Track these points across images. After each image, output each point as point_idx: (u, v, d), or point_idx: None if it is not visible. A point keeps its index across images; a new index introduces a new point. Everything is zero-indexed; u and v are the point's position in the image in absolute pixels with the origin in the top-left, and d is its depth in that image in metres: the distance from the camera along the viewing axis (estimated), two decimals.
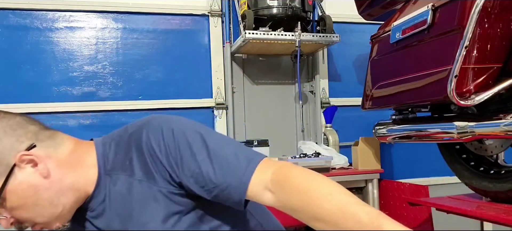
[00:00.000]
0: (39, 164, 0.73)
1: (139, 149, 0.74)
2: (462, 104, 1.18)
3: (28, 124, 0.80)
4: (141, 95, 2.30)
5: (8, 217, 0.72)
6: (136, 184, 0.74)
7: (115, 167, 0.77)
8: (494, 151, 1.42)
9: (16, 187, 0.70)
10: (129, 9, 2.29)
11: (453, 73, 1.17)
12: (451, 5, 1.24)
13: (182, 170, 0.71)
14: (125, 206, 0.76)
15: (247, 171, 0.69)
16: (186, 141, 0.72)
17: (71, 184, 0.75)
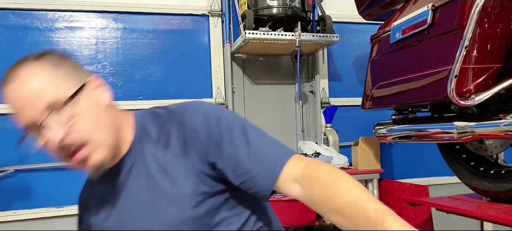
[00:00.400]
0: (107, 91, 0.81)
1: (180, 126, 0.79)
2: (462, 104, 1.18)
3: None
4: (141, 95, 2.30)
5: (59, 127, 0.72)
6: (169, 157, 0.78)
7: (150, 138, 0.82)
8: (494, 151, 1.42)
9: (89, 96, 0.76)
10: (129, 9, 2.29)
11: (453, 73, 1.17)
12: (451, 5, 1.24)
13: (219, 152, 0.75)
14: (152, 175, 0.79)
15: (280, 163, 0.74)
16: (228, 127, 0.77)
17: (118, 129, 0.80)
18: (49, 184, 2.13)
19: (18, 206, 2.10)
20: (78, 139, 0.73)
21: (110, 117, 0.80)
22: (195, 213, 0.77)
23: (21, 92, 0.74)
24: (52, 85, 0.73)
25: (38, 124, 0.73)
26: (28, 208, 2.11)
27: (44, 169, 2.12)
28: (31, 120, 0.73)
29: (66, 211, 2.13)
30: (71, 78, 0.76)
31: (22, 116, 0.75)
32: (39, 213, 2.11)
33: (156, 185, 0.78)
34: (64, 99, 0.72)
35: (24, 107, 0.74)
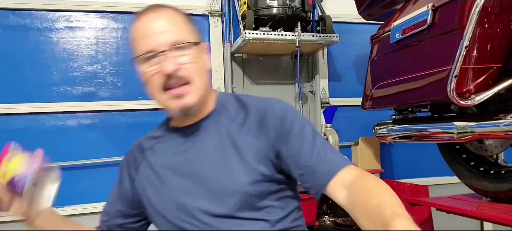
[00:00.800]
0: (210, 60, 0.97)
1: (259, 110, 0.91)
2: (462, 104, 1.18)
3: None
4: (141, 95, 2.30)
5: (174, 61, 0.85)
6: (241, 134, 0.90)
7: (228, 113, 0.94)
8: (494, 151, 1.42)
9: (200, 52, 0.91)
10: (129, 9, 2.29)
11: (453, 73, 1.17)
12: (451, 5, 1.24)
13: (286, 141, 0.86)
14: (222, 144, 0.90)
15: (338, 166, 0.81)
16: (301, 123, 0.88)
17: (207, 92, 0.93)
18: None
19: None
20: (185, 76, 0.86)
21: (207, 77, 0.94)
22: (248, 189, 0.85)
23: (159, 21, 0.88)
24: (183, 28, 0.89)
25: (158, 53, 0.85)
26: None
27: None
28: (155, 46, 0.86)
29: (66, 211, 2.12)
30: (194, 33, 0.92)
31: (148, 41, 0.87)
32: None
33: (224, 153, 0.89)
34: (186, 43, 0.87)
35: (155, 34, 0.87)
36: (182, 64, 0.86)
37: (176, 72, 0.85)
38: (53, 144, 2.14)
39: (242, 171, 0.87)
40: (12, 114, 2.09)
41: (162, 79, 0.87)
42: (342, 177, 0.80)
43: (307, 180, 0.84)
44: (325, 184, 0.81)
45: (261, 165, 0.87)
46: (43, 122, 2.15)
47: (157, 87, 0.88)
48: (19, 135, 2.10)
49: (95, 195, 2.18)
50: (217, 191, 0.87)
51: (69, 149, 2.16)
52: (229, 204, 0.86)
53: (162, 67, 0.85)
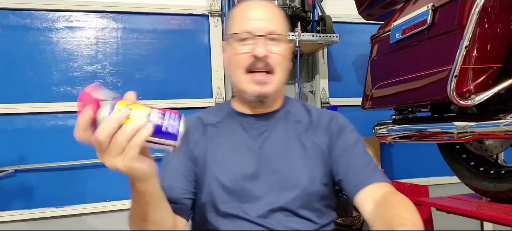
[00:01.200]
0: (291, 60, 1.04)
1: (325, 118, 0.99)
2: (462, 104, 1.18)
3: None
4: (141, 95, 2.29)
5: (267, 48, 0.92)
6: (309, 135, 0.97)
7: (295, 114, 1.01)
8: (494, 151, 1.42)
9: (288, 48, 0.99)
10: (129, 9, 2.29)
11: (453, 73, 1.17)
12: (451, 5, 1.24)
13: (340, 147, 0.94)
14: (290, 140, 0.96)
15: (371, 179, 0.87)
16: (356, 137, 0.98)
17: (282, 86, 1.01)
18: (49, 184, 2.13)
19: (18, 206, 2.10)
20: (273, 64, 0.93)
21: (286, 74, 1.00)
22: (307, 186, 0.91)
23: (261, 9, 0.95)
24: (280, 23, 0.97)
25: (253, 36, 0.92)
26: (28, 208, 2.10)
27: (44, 169, 2.12)
28: (253, 30, 0.92)
29: (66, 211, 2.12)
30: (287, 32, 1.01)
31: (248, 23, 0.93)
32: (39, 213, 2.11)
33: (290, 149, 0.95)
34: (280, 35, 0.94)
35: (255, 19, 0.93)
36: (273, 53, 0.92)
37: (266, 57, 0.91)
38: (53, 144, 2.14)
39: (305, 168, 0.93)
40: (12, 114, 2.09)
41: (249, 60, 0.92)
42: (373, 190, 0.84)
43: (344, 186, 0.91)
44: (356, 192, 0.86)
45: (321, 166, 0.94)
46: (43, 122, 2.15)
47: (242, 67, 0.93)
48: (19, 135, 2.10)
49: (95, 195, 2.18)
50: (279, 182, 0.92)
51: (69, 149, 2.16)
52: (288, 197, 0.90)
53: (255, 50, 0.91)
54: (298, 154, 0.95)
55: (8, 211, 2.08)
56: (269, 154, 0.95)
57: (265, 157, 0.94)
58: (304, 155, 0.95)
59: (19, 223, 2.10)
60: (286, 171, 0.93)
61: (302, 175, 0.92)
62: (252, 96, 0.94)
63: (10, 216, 2.08)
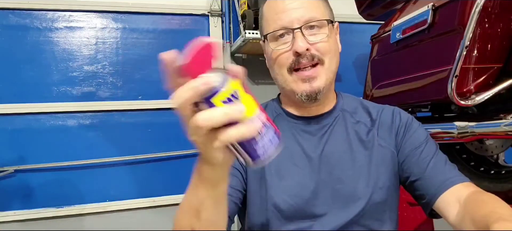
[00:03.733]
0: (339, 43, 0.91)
1: (387, 116, 0.89)
2: (463, 104, 1.18)
3: None
4: (141, 95, 2.30)
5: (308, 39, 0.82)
6: (372, 136, 0.86)
7: (352, 112, 0.90)
8: (495, 151, 1.42)
9: (334, 32, 0.88)
10: (129, 9, 2.29)
11: (454, 73, 1.17)
12: (452, 5, 1.24)
13: (409, 146, 0.84)
14: (351, 142, 0.86)
15: (454, 179, 0.77)
16: (425, 134, 0.87)
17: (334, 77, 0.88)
18: (49, 184, 2.13)
19: (18, 206, 2.10)
20: (317, 55, 0.82)
21: (337, 60, 0.88)
22: (374, 195, 0.82)
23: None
24: (316, 5, 0.84)
25: (289, 30, 0.81)
26: (28, 208, 2.10)
27: (44, 169, 2.12)
28: (287, 24, 0.82)
29: (66, 211, 2.12)
30: (328, 11, 0.87)
31: (281, 18, 0.82)
32: (39, 213, 2.11)
33: (352, 154, 0.85)
34: (319, 20, 0.82)
35: (288, 11, 0.82)
36: (314, 43, 0.81)
37: (310, 50, 0.81)
38: (53, 144, 2.14)
39: (370, 176, 0.83)
40: (12, 114, 2.08)
41: (291, 59, 0.82)
42: (458, 191, 0.75)
43: (420, 187, 0.81)
44: (438, 194, 0.76)
45: (388, 171, 0.84)
46: (43, 122, 2.15)
47: (285, 67, 0.83)
48: (19, 135, 2.10)
49: (95, 195, 2.18)
50: (344, 193, 0.82)
51: (69, 149, 2.16)
52: (352, 211, 0.81)
53: (294, 46, 0.81)
54: (362, 160, 0.84)
55: (8, 211, 2.08)
56: (331, 162, 0.84)
57: (326, 166, 0.84)
58: (369, 160, 0.84)
59: (19, 223, 2.09)
60: (350, 181, 0.82)
61: (368, 183, 0.82)
62: (302, 96, 0.83)
63: (10, 216, 2.08)
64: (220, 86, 0.46)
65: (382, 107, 0.92)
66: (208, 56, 0.47)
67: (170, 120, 2.33)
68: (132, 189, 2.26)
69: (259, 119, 0.49)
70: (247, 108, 0.48)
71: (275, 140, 0.51)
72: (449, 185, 0.76)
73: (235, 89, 0.48)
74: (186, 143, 2.44)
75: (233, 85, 0.48)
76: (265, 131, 0.50)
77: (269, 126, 0.51)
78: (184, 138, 1.94)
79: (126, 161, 2.24)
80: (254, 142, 0.49)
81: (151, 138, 2.30)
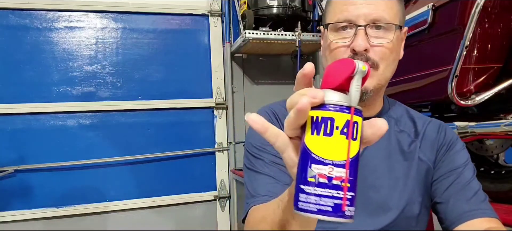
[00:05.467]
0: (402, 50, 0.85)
1: (432, 130, 0.85)
2: (463, 104, 1.18)
3: None
4: (141, 95, 2.30)
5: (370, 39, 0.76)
6: (414, 147, 0.83)
7: (396, 120, 0.87)
8: (495, 151, 1.42)
9: (399, 38, 0.81)
10: (129, 9, 2.29)
11: (454, 73, 1.17)
12: (452, 5, 1.24)
13: (447, 166, 0.81)
14: (391, 152, 0.83)
15: (477, 212, 0.75)
16: (467, 157, 0.83)
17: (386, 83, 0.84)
18: (49, 184, 2.13)
19: (18, 206, 2.10)
20: (375, 59, 0.77)
21: (394, 68, 0.83)
22: (407, 208, 0.79)
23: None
24: (389, 6, 0.78)
25: (354, 25, 0.76)
26: (28, 208, 2.11)
27: (44, 169, 2.12)
28: (354, 18, 0.76)
29: (66, 211, 2.12)
30: (399, 15, 0.81)
31: (348, 10, 0.77)
32: (39, 213, 2.11)
33: (391, 161, 0.82)
34: (388, 23, 0.77)
35: (357, 5, 0.76)
36: (375, 45, 0.76)
37: (368, 52, 0.76)
38: (53, 144, 2.14)
39: (405, 188, 0.80)
40: (12, 114, 2.09)
41: (347, 55, 0.77)
42: (476, 225, 0.73)
43: (442, 211, 0.79)
44: (457, 223, 0.75)
45: (423, 186, 0.82)
46: (43, 122, 2.15)
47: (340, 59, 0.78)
48: (19, 135, 2.10)
49: (95, 195, 2.18)
50: (376, 202, 0.79)
51: (69, 149, 2.16)
52: (382, 221, 0.78)
53: (353, 42, 0.75)
54: (400, 171, 0.81)
55: (8, 211, 2.08)
56: (368, 168, 0.81)
57: (362, 170, 0.80)
58: (407, 172, 0.81)
59: (19, 223, 2.10)
60: (384, 191, 0.80)
61: (402, 196, 0.80)
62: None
63: (10, 216, 2.08)
64: (332, 104, 0.41)
65: (429, 120, 0.88)
66: (344, 76, 0.43)
67: (170, 120, 2.33)
68: (132, 189, 2.26)
69: (331, 169, 0.41)
70: (330, 144, 0.41)
71: (327, 208, 0.41)
72: (468, 218, 0.74)
73: (336, 117, 0.41)
74: (186, 143, 2.45)
75: (342, 116, 0.41)
76: (323, 186, 0.41)
77: (336, 189, 0.41)
78: (184, 138, 1.96)
79: (126, 161, 2.24)
80: (303, 181, 0.42)
81: (151, 138, 2.30)
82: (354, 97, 0.43)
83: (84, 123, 2.21)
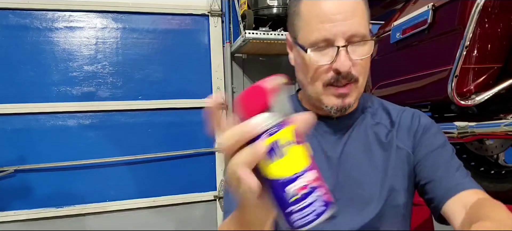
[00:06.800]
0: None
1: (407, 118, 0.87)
2: (463, 104, 1.18)
3: None
4: (141, 95, 2.30)
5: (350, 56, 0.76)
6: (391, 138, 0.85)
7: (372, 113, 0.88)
8: (495, 151, 1.42)
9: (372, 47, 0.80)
10: (129, 9, 2.29)
11: (454, 73, 1.17)
12: (452, 5, 1.24)
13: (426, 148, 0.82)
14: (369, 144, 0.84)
15: (463, 185, 0.75)
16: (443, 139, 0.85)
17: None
18: (49, 184, 2.13)
19: (18, 206, 2.10)
20: (356, 74, 0.77)
21: (367, 75, 0.84)
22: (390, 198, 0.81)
23: (341, 6, 0.75)
24: (364, 18, 0.78)
25: (333, 44, 0.75)
26: (28, 208, 2.10)
27: (44, 169, 2.12)
28: (333, 37, 0.75)
29: (66, 211, 2.12)
30: (369, 19, 0.81)
31: (326, 28, 0.75)
32: (39, 213, 2.11)
33: (371, 155, 0.83)
34: (364, 37, 0.76)
35: (335, 23, 0.74)
36: (356, 62, 0.76)
37: (351, 70, 0.76)
38: (53, 144, 2.14)
39: (387, 177, 0.82)
40: (12, 114, 2.09)
41: (329, 75, 0.77)
42: (466, 197, 0.73)
43: (429, 191, 0.80)
44: (445, 199, 0.75)
45: (406, 174, 0.83)
46: (43, 122, 2.15)
47: (321, 81, 0.78)
48: (18, 135, 2.10)
49: (95, 195, 2.18)
50: (362, 196, 0.81)
51: (69, 149, 2.16)
52: (372, 212, 0.80)
53: (336, 63, 0.75)
54: (380, 162, 0.83)
55: (8, 211, 2.08)
56: (350, 164, 0.83)
57: (344, 167, 0.83)
58: (387, 161, 0.83)
59: (19, 223, 2.10)
60: (368, 184, 0.81)
61: (384, 186, 0.81)
62: (332, 109, 0.80)
63: (10, 216, 2.08)
64: (266, 130, 0.42)
65: (402, 109, 0.90)
66: (260, 99, 0.44)
67: (170, 120, 2.33)
68: (132, 189, 2.26)
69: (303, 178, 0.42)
70: (288, 161, 0.42)
71: (321, 208, 0.43)
72: (457, 191, 0.74)
73: (278, 138, 0.42)
74: (186, 143, 2.45)
75: (281, 133, 0.42)
76: (307, 195, 0.42)
77: (316, 191, 0.43)
78: (184, 138, 1.97)
79: (126, 161, 2.24)
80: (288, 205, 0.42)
81: (151, 138, 2.30)
82: (283, 109, 0.44)
83: (84, 123, 2.21)
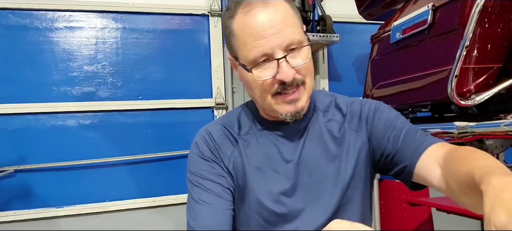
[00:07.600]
0: None
1: (355, 108, 0.89)
2: (463, 104, 1.18)
3: None
4: (141, 95, 2.30)
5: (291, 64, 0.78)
6: (344, 131, 0.87)
7: (324, 111, 0.91)
8: (495, 151, 1.42)
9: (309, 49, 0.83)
10: (129, 9, 2.29)
11: (454, 73, 1.17)
12: (452, 5, 1.24)
13: (379, 128, 0.85)
14: (325, 142, 0.87)
15: (426, 143, 0.78)
16: (394, 113, 0.88)
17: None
18: (49, 184, 2.13)
19: (18, 206, 2.10)
20: (301, 78, 0.80)
21: (313, 76, 0.86)
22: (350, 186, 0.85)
23: (272, 20, 0.76)
24: (297, 25, 0.80)
25: (273, 57, 0.77)
26: (28, 208, 2.10)
27: (44, 169, 2.12)
28: (270, 51, 0.76)
29: (66, 211, 2.12)
30: (301, 23, 0.83)
31: (262, 44, 0.76)
32: (39, 213, 2.11)
33: (328, 151, 0.86)
34: (301, 42, 0.79)
35: (269, 37, 0.76)
36: (298, 68, 0.78)
37: (294, 77, 0.78)
38: (53, 144, 2.14)
39: (341, 164, 0.85)
40: (12, 114, 2.09)
41: (275, 85, 0.79)
42: (434, 153, 0.74)
43: (397, 161, 0.81)
44: (414, 161, 0.76)
45: (361, 161, 0.86)
46: (43, 122, 2.15)
47: (269, 93, 0.80)
48: (18, 135, 2.10)
49: (95, 195, 2.18)
50: (326, 192, 0.84)
51: (69, 149, 2.16)
52: (333, 203, 0.83)
53: (279, 74, 0.77)
54: (336, 158, 0.86)
55: (8, 211, 2.08)
56: (310, 166, 0.85)
57: (305, 169, 0.86)
58: (341, 153, 0.86)
59: (19, 223, 2.10)
60: (328, 180, 0.84)
61: (342, 176, 0.84)
62: (287, 116, 0.82)
63: (10, 216, 2.08)
64: None
65: (351, 100, 0.93)
66: None
67: (170, 120, 2.33)
68: (132, 189, 2.26)
69: None
70: None
71: None
72: (423, 149, 0.77)
73: None
74: (186, 143, 2.44)
75: None
76: None
77: None
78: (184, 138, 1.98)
79: (126, 161, 2.24)
80: None
81: (151, 138, 2.30)
82: None
83: (84, 123, 2.21)
